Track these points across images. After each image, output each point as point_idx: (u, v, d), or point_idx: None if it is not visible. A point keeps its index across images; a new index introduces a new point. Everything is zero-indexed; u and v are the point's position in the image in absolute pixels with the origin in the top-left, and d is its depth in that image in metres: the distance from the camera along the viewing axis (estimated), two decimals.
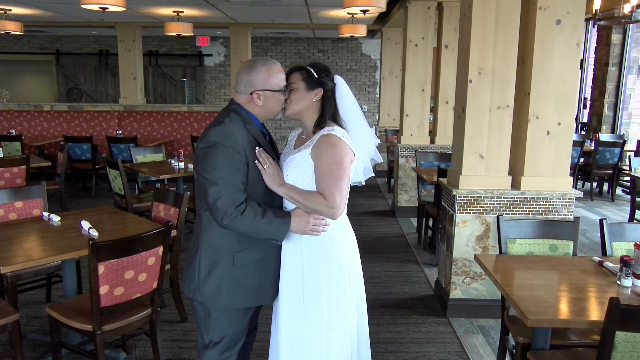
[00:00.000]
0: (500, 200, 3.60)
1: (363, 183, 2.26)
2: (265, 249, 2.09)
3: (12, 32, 8.29)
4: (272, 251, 2.11)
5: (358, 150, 2.12)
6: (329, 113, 2.10)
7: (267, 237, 2.02)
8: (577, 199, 3.66)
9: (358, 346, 2.21)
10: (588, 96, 9.65)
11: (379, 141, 2.28)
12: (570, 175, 3.66)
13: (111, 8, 5.60)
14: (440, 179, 4.08)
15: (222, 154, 1.94)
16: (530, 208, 3.59)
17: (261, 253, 2.08)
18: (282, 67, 2.10)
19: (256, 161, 2.01)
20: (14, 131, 8.32)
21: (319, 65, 2.13)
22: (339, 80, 2.14)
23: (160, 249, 2.64)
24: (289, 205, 2.09)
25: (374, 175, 2.32)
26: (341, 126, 2.11)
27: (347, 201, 2.07)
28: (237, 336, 2.18)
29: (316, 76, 2.07)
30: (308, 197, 2.00)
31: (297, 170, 2.05)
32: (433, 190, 5.18)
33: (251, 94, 2.05)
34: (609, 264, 2.49)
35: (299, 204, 2.02)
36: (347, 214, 2.17)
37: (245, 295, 2.09)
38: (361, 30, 8.21)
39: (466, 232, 3.67)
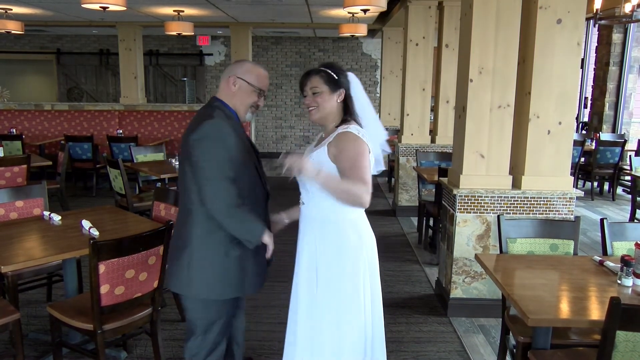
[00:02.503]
0: (500, 200, 3.60)
1: (375, 173, 2.24)
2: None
3: (13, 32, 8.29)
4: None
5: (371, 143, 2.13)
6: (352, 111, 2.14)
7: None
8: (578, 198, 3.66)
9: (372, 343, 2.23)
10: (589, 95, 9.64)
11: (386, 133, 2.30)
12: (571, 175, 3.65)
13: (112, 7, 5.60)
14: (441, 179, 4.08)
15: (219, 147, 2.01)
16: (530, 207, 3.59)
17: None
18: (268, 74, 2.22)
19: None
20: (14, 130, 8.33)
21: (335, 66, 2.17)
22: (352, 77, 2.18)
23: (161, 249, 2.64)
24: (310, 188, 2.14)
25: (385, 168, 2.32)
26: (358, 122, 2.14)
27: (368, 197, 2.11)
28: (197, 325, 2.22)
29: (336, 77, 2.11)
30: (347, 182, 1.98)
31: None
32: (434, 190, 5.18)
33: (229, 77, 2.14)
34: (609, 264, 2.49)
35: (337, 190, 1.99)
36: None
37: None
38: (362, 30, 8.21)
39: (467, 232, 3.67)
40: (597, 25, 8.89)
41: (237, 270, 2.13)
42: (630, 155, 6.44)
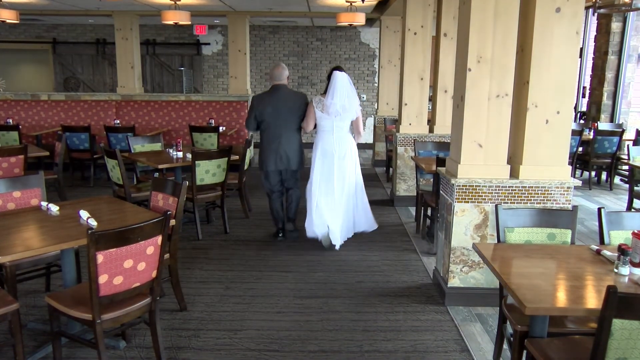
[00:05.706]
0: (498, 189, 3.61)
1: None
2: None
3: (8, 21, 8.19)
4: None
5: (322, 105, 4.74)
6: (326, 89, 4.78)
7: None
8: (576, 187, 3.67)
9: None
10: (587, 85, 9.62)
11: (335, 103, 4.64)
12: (568, 164, 3.66)
13: None
14: (439, 168, 4.08)
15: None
16: (528, 197, 3.60)
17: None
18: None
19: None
20: (11, 121, 8.28)
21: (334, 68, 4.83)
22: (334, 74, 4.69)
23: (159, 238, 2.64)
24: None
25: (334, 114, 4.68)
26: (326, 94, 4.75)
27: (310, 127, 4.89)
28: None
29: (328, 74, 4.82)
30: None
31: None
32: (432, 180, 5.18)
33: (287, 77, 4.86)
34: (606, 253, 2.50)
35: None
36: None
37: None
38: (360, 19, 8.14)
39: (465, 221, 3.68)
40: (596, 14, 8.85)
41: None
42: (628, 145, 6.45)
